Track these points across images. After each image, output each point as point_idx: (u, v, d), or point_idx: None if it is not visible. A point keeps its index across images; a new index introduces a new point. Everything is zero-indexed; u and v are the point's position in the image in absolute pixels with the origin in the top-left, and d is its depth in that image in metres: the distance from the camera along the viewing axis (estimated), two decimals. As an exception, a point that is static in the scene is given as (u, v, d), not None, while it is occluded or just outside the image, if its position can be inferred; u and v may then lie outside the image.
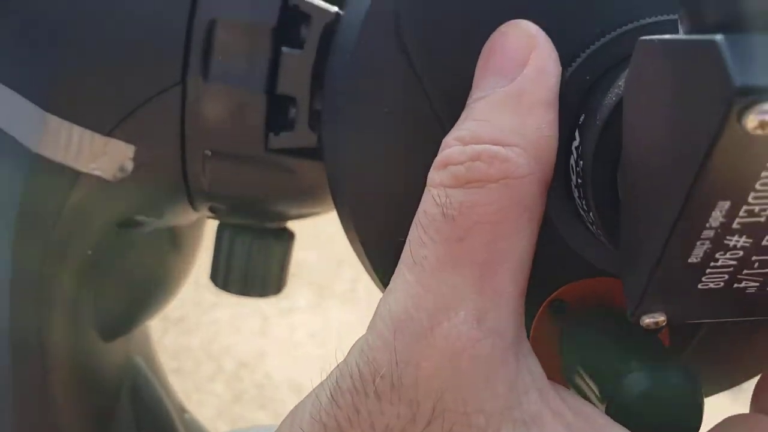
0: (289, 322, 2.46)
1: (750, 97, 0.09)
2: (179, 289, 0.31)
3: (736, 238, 0.11)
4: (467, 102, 0.15)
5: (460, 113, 0.15)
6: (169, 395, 0.36)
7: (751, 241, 0.11)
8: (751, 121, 0.09)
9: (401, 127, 0.17)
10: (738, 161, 0.10)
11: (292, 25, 0.22)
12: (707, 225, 0.11)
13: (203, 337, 2.18)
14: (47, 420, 0.30)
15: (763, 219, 0.11)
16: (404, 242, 0.15)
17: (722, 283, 0.13)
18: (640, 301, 0.13)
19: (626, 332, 0.16)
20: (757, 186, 0.10)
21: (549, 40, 0.15)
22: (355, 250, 0.21)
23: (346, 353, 0.15)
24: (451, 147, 0.14)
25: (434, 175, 0.14)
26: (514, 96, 0.14)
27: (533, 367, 0.14)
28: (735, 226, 0.11)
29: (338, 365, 0.14)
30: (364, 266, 0.21)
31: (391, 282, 0.14)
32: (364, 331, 0.17)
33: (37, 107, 0.24)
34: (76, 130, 0.24)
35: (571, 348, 0.16)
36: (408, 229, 0.15)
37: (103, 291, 0.28)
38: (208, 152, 0.23)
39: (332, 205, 0.26)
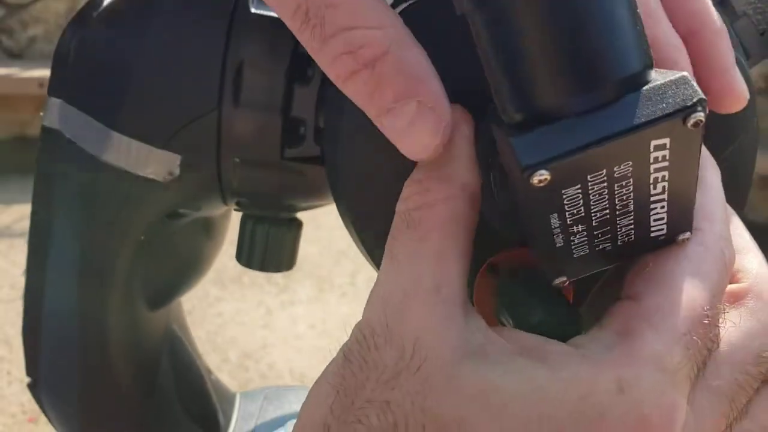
0: (291, 314, 2.53)
1: (530, 169, 0.16)
2: (209, 269, 0.38)
3: (574, 228, 0.18)
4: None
5: None
6: (199, 358, 0.43)
7: (585, 226, 0.18)
8: (534, 178, 0.16)
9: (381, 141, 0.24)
10: (542, 196, 0.17)
11: (300, 64, 0.29)
12: (552, 226, 0.18)
13: (209, 329, 2.25)
14: (106, 373, 0.37)
15: (582, 217, 0.18)
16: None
17: (588, 250, 0.20)
18: (546, 269, 0.20)
19: (539, 286, 0.23)
20: (565, 201, 0.17)
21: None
22: (352, 237, 0.28)
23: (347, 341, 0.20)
24: (410, 186, 0.20)
25: (400, 204, 0.20)
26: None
27: (477, 320, 0.19)
28: (569, 223, 0.18)
29: (347, 340, 0.20)
30: (362, 253, 0.28)
31: (378, 274, 0.20)
32: None
33: (104, 125, 0.31)
34: (135, 143, 0.31)
35: (502, 300, 0.23)
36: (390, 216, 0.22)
37: (150, 269, 0.35)
38: (238, 160, 0.31)
39: (329, 200, 0.34)
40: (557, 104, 0.16)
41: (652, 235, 0.18)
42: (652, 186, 0.17)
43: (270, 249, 0.35)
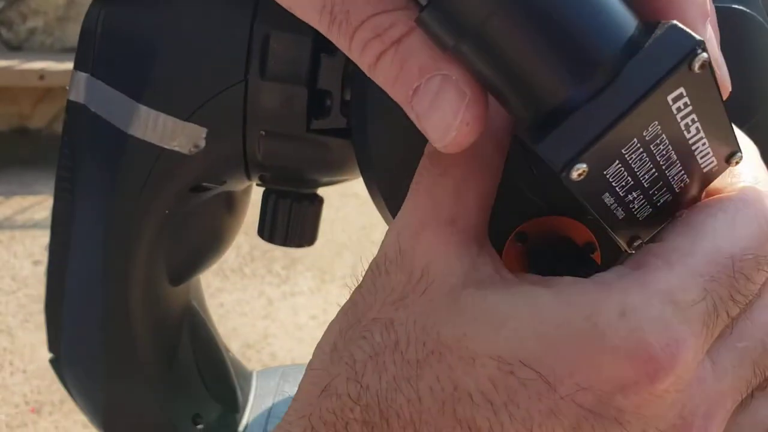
0: (292, 305, 2.54)
1: (567, 167, 0.16)
2: (230, 245, 0.39)
3: (629, 197, 0.18)
4: None
5: None
6: (217, 335, 0.44)
7: (638, 192, 0.18)
8: (573, 174, 0.16)
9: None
10: (587, 185, 0.17)
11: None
12: (609, 204, 0.18)
13: (211, 320, 2.25)
14: (128, 347, 0.37)
15: (633, 185, 0.18)
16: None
17: (650, 209, 0.19)
18: (620, 239, 0.20)
19: (568, 252, 0.23)
20: (610, 179, 0.17)
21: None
22: (379, 209, 0.28)
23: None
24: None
25: (428, 145, 0.20)
26: None
27: (490, 255, 0.20)
28: (622, 195, 0.18)
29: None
30: (387, 222, 0.29)
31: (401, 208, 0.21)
32: None
33: (130, 99, 0.32)
34: (162, 116, 0.31)
35: (532, 267, 0.24)
36: None
37: (173, 244, 0.36)
38: (263, 132, 0.31)
39: (354, 174, 0.34)
40: (565, 99, 0.16)
41: (705, 170, 0.19)
42: (685, 132, 0.17)
43: (293, 223, 0.35)
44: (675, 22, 0.16)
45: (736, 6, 0.25)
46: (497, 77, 0.17)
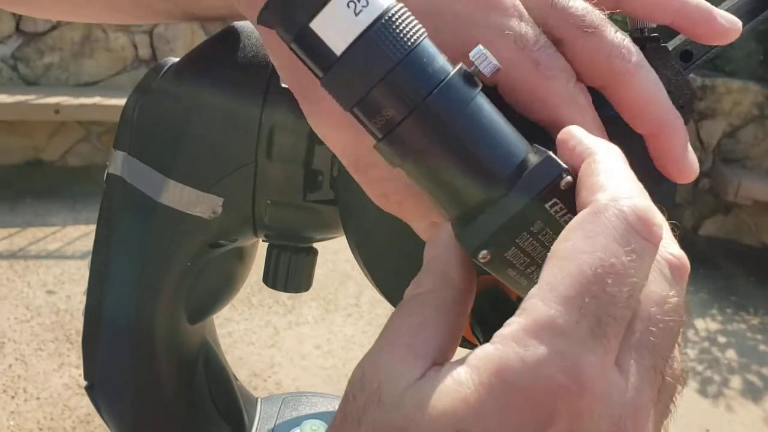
0: (298, 334, 2.60)
1: (474, 253, 0.22)
2: (239, 289, 0.46)
3: (528, 270, 0.23)
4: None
5: None
6: (227, 366, 0.51)
7: (535, 266, 0.23)
8: (479, 257, 0.22)
9: None
10: (493, 263, 0.23)
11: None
12: (512, 276, 0.23)
13: (218, 348, 2.31)
14: (153, 377, 0.44)
15: (530, 262, 0.24)
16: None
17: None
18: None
19: (503, 303, 0.30)
20: (510, 259, 0.23)
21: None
22: (359, 265, 0.35)
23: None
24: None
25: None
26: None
27: (440, 370, 0.21)
28: (521, 269, 0.23)
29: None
30: (367, 278, 0.36)
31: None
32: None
33: (161, 174, 0.39)
34: (186, 188, 0.39)
35: (474, 317, 0.30)
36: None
37: (193, 289, 0.43)
38: (269, 201, 0.38)
39: (341, 233, 0.41)
40: (474, 206, 0.23)
41: None
42: (564, 222, 0.23)
43: (292, 272, 0.42)
44: (550, 153, 0.23)
45: None
46: (432, 190, 0.24)
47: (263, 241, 0.43)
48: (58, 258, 2.70)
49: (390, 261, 0.34)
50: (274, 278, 0.42)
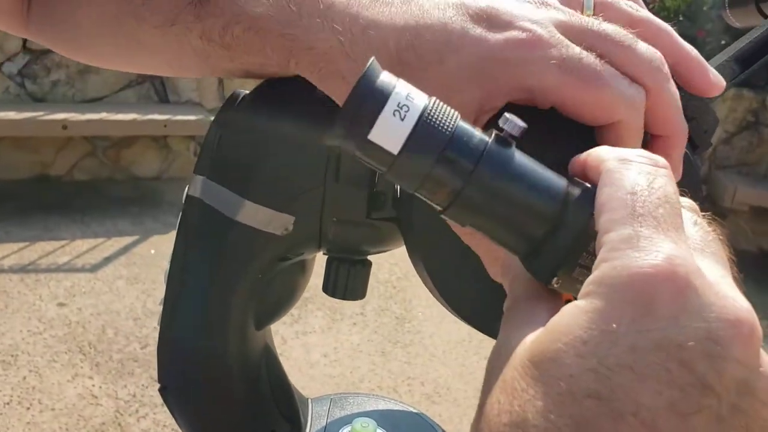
0: (305, 343, 2.64)
1: (548, 281, 0.26)
2: (300, 298, 0.51)
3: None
4: None
5: None
6: (283, 368, 0.56)
7: None
8: (554, 283, 0.26)
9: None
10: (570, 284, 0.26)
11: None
12: (577, 286, 0.27)
13: (229, 358, 2.35)
14: (222, 378, 0.48)
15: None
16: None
17: None
18: None
19: None
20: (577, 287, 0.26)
21: None
22: (422, 278, 0.40)
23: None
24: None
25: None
26: None
27: None
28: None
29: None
30: (429, 290, 0.40)
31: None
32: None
33: (238, 196, 0.44)
34: (261, 208, 0.43)
35: None
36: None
37: (261, 298, 0.47)
38: (335, 219, 0.43)
39: (395, 246, 0.46)
40: (535, 243, 0.27)
41: None
42: None
43: (350, 283, 0.47)
44: (587, 185, 0.26)
45: None
46: (497, 238, 0.28)
47: (324, 254, 0.48)
48: (68, 271, 2.74)
49: (452, 272, 0.39)
50: (334, 287, 0.47)
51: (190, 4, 0.37)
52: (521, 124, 0.27)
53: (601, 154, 0.26)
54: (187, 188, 0.46)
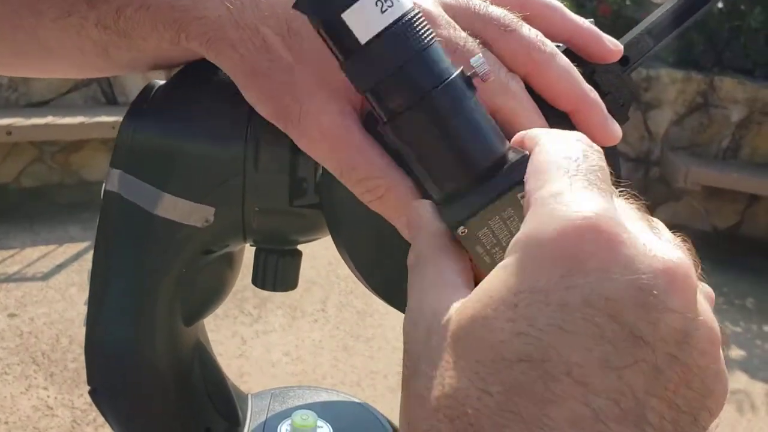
0: (265, 342, 2.62)
1: (453, 227, 0.27)
2: (230, 292, 0.50)
3: (494, 250, 0.28)
4: None
5: None
6: (219, 365, 0.54)
7: (499, 247, 0.28)
8: (459, 232, 0.27)
9: None
10: (467, 239, 0.27)
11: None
12: (480, 253, 0.27)
13: (188, 361, 2.32)
14: (152, 377, 0.47)
15: (496, 242, 0.29)
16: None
17: None
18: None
19: None
20: (481, 238, 0.27)
21: None
22: (346, 262, 0.39)
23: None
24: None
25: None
26: None
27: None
28: (488, 248, 0.27)
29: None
30: (355, 275, 0.40)
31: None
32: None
33: (156, 188, 0.42)
34: (180, 200, 0.42)
35: None
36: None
37: (187, 294, 0.46)
38: (257, 209, 0.42)
39: (324, 234, 0.45)
40: (457, 188, 0.27)
41: None
42: None
43: (279, 273, 0.46)
44: (526, 152, 0.26)
45: None
46: (423, 172, 0.28)
47: (251, 245, 0.47)
48: (18, 280, 2.68)
49: (374, 254, 0.38)
50: (263, 279, 0.46)
51: None
52: (488, 69, 0.27)
53: (539, 131, 0.27)
54: (104, 182, 0.45)
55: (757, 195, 4.02)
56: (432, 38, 0.26)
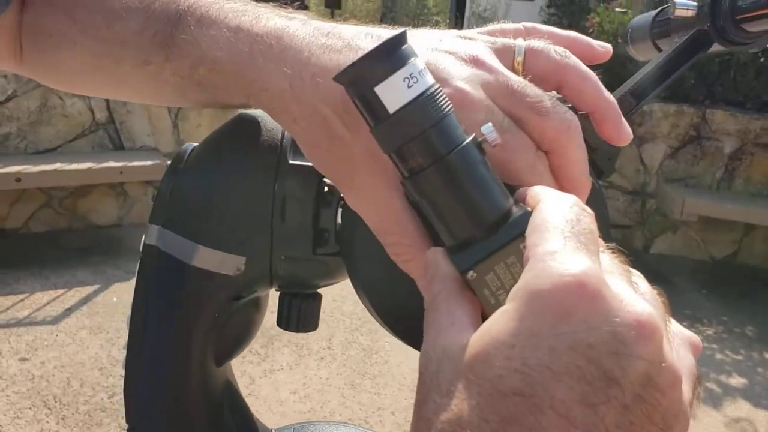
0: (273, 381, 2.64)
1: (464, 272, 0.31)
2: (256, 333, 0.54)
3: (498, 292, 0.31)
4: None
5: None
6: (245, 402, 0.58)
7: (503, 290, 0.32)
8: (469, 276, 0.31)
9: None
10: (475, 282, 0.31)
11: (324, 195, 0.46)
12: (486, 296, 0.31)
13: (197, 401, 2.34)
14: (187, 415, 0.51)
15: (500, 286, 0.32)
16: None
17: None
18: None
19: None
20: (488, 282, 0.31)
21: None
22: (365, 304, 0.44)
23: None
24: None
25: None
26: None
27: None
28: (494, 291, 0.31)
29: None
30: (373, 316, 0.44)
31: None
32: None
33: (192, 241, 0.47)
34: (214, 252, 0.47)
35: None
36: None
37: (219, 336, 0.51)
38: (283, 257, 0.47)
39: (343, 278, 0.50)
40: (467, 239, 0.31)
41: None
42: None
43: (302, 315, 0.50)
44: (528, 209, 0.30)
45: None
46: (438, 223, 0.32)
47: (275, 290, 0.51)
48: (28, 325, 2.71)
49: (391, 298, 0.42)
50: (288, 321, 0.51)
51: (160, 47, 0.41)
52: (498, 137, 0.31)
53: (541, 191, 0.31)
54: (144, 237, 0.49)
55: (752, 224, 4.06)
56: (449, 109, 0.31)
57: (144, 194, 3.58)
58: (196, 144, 0.49)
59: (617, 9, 4.35)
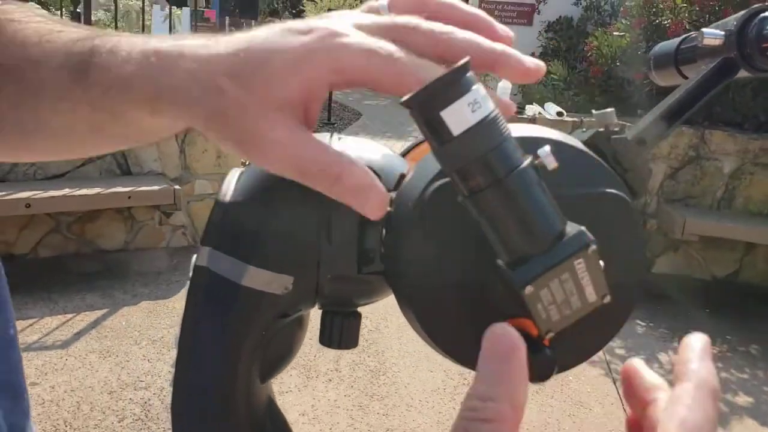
0: (282, 403, 2.62)
1: (521, 287, 0.33)
2: (299, 350, 0.56)
3: (552, 307, 0.34)
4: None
5: None
6: (284, 417, 0.61)
7: (555, 306, 0.35)
8: (526, 291, 0.33)
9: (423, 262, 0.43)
10: (530, 299, 0.34)
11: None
12: (540, 311, 0.35)
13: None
14: (234, 424, 0.53)
15: (552, 301, 0.35)
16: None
17: (561, 315, 0.38)
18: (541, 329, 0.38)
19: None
20: (542, 297, 0.34)
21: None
22: (411, 324, 0.46)
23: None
24: (471, 400, 0.28)
25: (465, 412, 0.28)
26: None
27: None
28: (547, 307, 0.34)
29: None
30: (418, 333, 0.46)
31: None
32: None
33: (242, 262, 0.50)
34: (264, 272, 0.49)
35: None
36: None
37: (265, 354, 0.53)
38: (329, 276, 0.49)
39: (384, 296, 0.52)
40: (524, 255, 0.34)
41: (590, 300, 0.35)
42: (581, 280, 0.34)
43: (344, 333, 0.53)
44: (583, 228, 0.33)
45: (608, 190, 0.43)
46: (496, 240, 0.34)
47: (318, 308, 0.54)
48: (38, 350, 2.72)
49: (439, 315, 0.45)
50: (330, 338, 0.53)
51: (75, 83, 0.44)
52: (554, 162, 0.33)
53: (695, 376, 0.32)
54: (194, 258, 0.52)
55: (753, 243, 4.08)
56: (508, 133, 0.33)
57: (151, 219, 3.61)
58: (239, 169, 0.52)
59: (615, 33, 4.42)
